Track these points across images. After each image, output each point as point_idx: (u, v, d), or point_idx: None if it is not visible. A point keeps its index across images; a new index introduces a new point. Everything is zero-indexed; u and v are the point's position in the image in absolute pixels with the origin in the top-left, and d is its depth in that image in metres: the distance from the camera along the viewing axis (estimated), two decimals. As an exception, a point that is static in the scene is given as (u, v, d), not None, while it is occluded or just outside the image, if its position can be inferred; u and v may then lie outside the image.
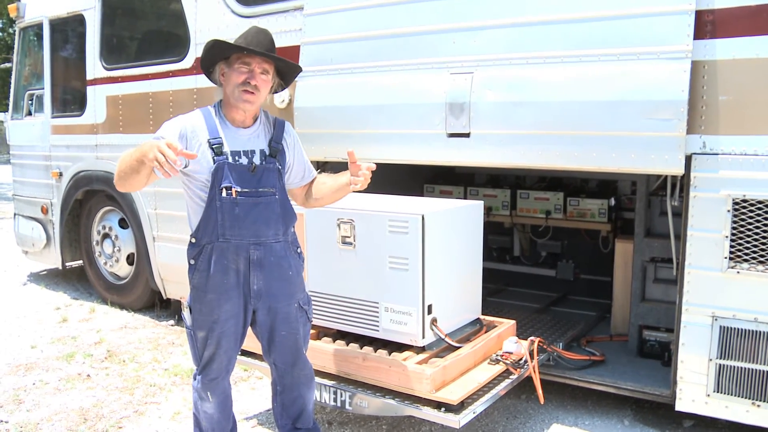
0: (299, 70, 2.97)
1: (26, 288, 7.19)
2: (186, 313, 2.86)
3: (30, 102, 6.91)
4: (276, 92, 2.99)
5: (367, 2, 4.03)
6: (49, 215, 6.67)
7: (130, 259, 6.11)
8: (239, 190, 2.72)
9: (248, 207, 2.74)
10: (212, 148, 2.71)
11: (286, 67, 2.88)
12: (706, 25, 3.15)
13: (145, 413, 4.01)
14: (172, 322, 5.80)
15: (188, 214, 2.84)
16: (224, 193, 2.70)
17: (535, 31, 3.53)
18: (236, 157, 2.75)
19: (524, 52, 3.55)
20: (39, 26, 6.62)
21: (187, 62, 5.11)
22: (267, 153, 2.83)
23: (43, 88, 6.64)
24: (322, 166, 4.45)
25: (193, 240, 2.79)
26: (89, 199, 6.35)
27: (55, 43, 6.51)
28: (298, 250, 2.99)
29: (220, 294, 2.77)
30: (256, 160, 2.79)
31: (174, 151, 2.38)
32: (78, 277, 7.33)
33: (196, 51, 5.03)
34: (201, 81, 5.00)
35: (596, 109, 3.34)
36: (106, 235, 6.25)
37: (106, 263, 6.34)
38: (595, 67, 3.36)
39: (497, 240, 5.74)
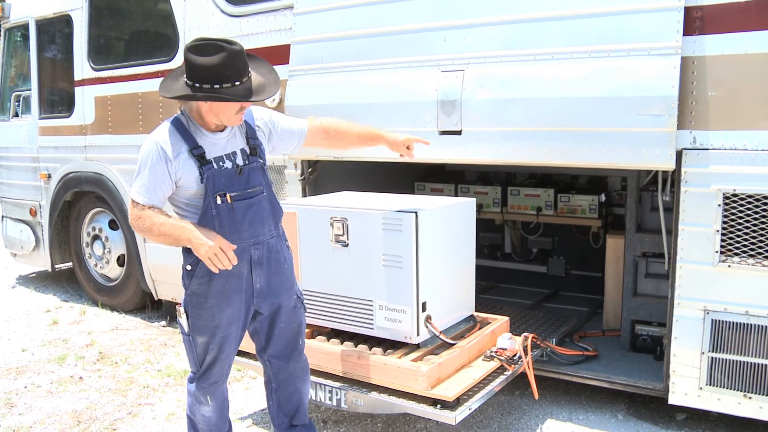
0: (278, 84, 2.83)
1: (15, 291, 7.14)
2: (183, 319, 2.82)
3: (17, 103, 6.84)
4: None
5: (357, 0, 4.03)
6: (38, 217, 6.62)
7: (120, 261, 6.08)
8: (232, 195, 2.70)
9: (244, 209, 2.74)
10: (196, 159, 2.66)
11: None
12: (695, 22, 3.17)
13: (139, 415, 3.99)
14: (163, 323, 5.78)
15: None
16: (219, 201, 2.68)
17: (526, 29, 3.54)
18: (220, 163, 2.72)
19: (515, 50, 3.56)
20: (25, 27, 6.56)
21: (177, 62, 5.07)
22: (248, 152, 2.81)
23: (30, 89, 6.58)
24: (314, 165, 4.46)
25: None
26: (78, 201, 6.30)
27: (42, 44, 6.46)
28: (287, 243, 3.00)
29: (222, 299, 2.75)
30: (239, 161, 2.77)
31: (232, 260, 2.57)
32: (68, 279, 7.28)
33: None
34: (191, 81, 4.97)
35: (587, 106, 3.35)
36: (96, 237, 6.21)
37: (96, 265, 6.30)
38: (586, 64, 3.37)
39: (488, 237, 5.75)
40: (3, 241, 7.37)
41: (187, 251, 2.76)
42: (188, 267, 2.77)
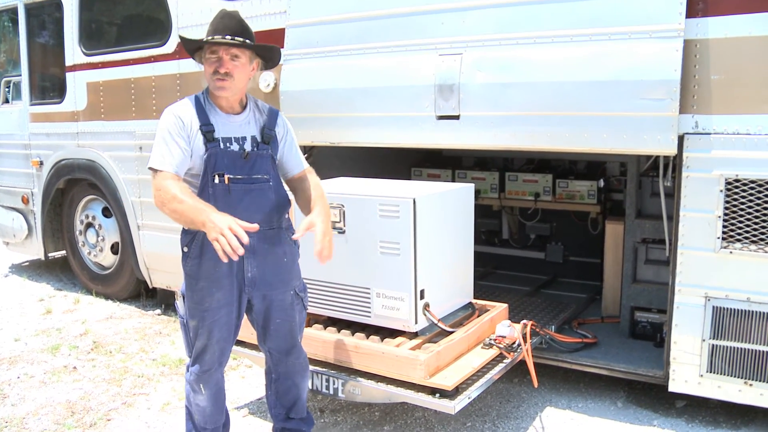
0: (276, 51, 2.88)
1: (8, 280, 7.07)
2: (179, 302, 2.82)
3: (7, 89, 6.75)
4: (268, 68, 2.92)
5: (353, -17, 3.95)
6: (30, 205, 6.54)
7: (114, 249, 6.02)
8: (231, 176, 2.67)
9: (241, 194, 2.70)
10: (204, 135, 2.67)
11: (257, 49, 2.79)
12: (698, 3, 3.11)
13: (134, 405, 3.95)
14: (158, 311, 5.73)
15: None
16: (216, 180, 2.66)
17: (525, 11, 3.48)
18: (227, 144, 2.70)
19: (514, 33, 3.50)
20: (14, 11, 6.44)
21: (170, 47, 5.00)
22: (259, 140, 2.77)
23: (20, 75, 6.48)
24: (309, 151, 4.40)
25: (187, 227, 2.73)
26: (71, 188, 6.23)
27: (32, 29, 6.35)
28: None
29: (212, 282, 2.72)
30: (248, 146, 2.74)
31: (242, 239, 2.39)
32: (61, 267, 7.22)
33: (178, 35, 4.93)
34: (184, 66, 4.90)
35: (587, 90, 3.30)
36: (89, 225, 6.14)
37: (90, 253, 6.24)
38: (586, 47, 3.31)
39: (486, 223, 5.71)
40: (-5, 230, 7.29)
41: (184, 232, 2.74)
42: (184, 249, 2.76)
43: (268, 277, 2.80)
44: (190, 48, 2.77)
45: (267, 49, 2.83)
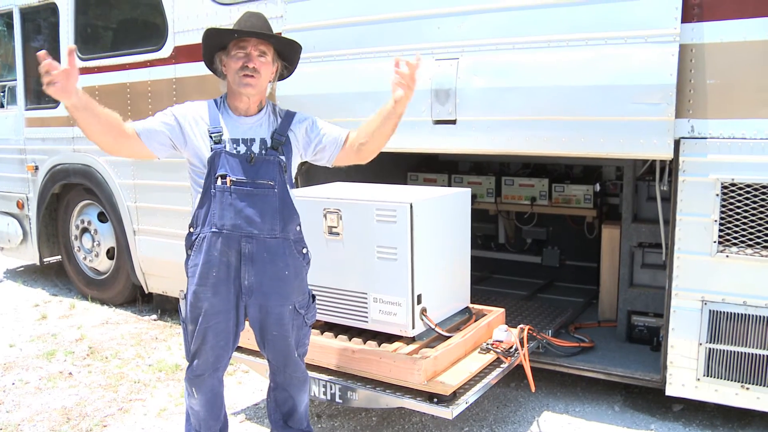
0: (298, 47, 2.87)
1: (3, 285, 7.04)
2: (182, 304, 2.82)
3: (2, 94, 6.73)
4: (283, 78, 2.93)
5: (349, -12, 3.96)
6: (26, 210, 6.51)
7: (110, 254, 6.00)
8: (234, 179, 2.66)
9: (242, 197, 2.67)
10: (211, 137, 2.68)
11: (283, 46, 2.80)
12: (694, 8, 3.13)
13: (130, 411, 3.93)
14: (154, 316, 5.71)
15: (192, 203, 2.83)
16: (219, 182, 2.66)
17: (521, 16, 3.48)
18: (234, 146, 2.70)
19: (510, 37, 3.50)
20: (9, 15, 6.42)
21: (166, 51, 4.99)
22: (268, 144, 2.75)
23: (15, 80, 6.46)
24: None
25: (191, 230, 2.75)
26: (67, 193, 6.21)
27: (27, 33, 6.33)
28: (304, 251, 2.88)
29: (208, 287, 2.71)
30: (255, 149, 2.72)
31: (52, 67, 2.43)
32: (56, 273, 7.19)
33: (174, 40, 4.92)
34: (180, 71, 4.90)
35: (584, 94, 3.31)
36: (85, 230, 6.13)
37: (85, 258, 6.22)
38: (582, 52, 3.32)
39: (482, 227, 5.71)
40: (-10, 235, 7.26)
41: (188, 236, 2.76)
42: (188, 251, 2.78)
43: (265, 287, 2.75)
44: (216, 44, 2.72)
45: (289, 45, 2.82)
